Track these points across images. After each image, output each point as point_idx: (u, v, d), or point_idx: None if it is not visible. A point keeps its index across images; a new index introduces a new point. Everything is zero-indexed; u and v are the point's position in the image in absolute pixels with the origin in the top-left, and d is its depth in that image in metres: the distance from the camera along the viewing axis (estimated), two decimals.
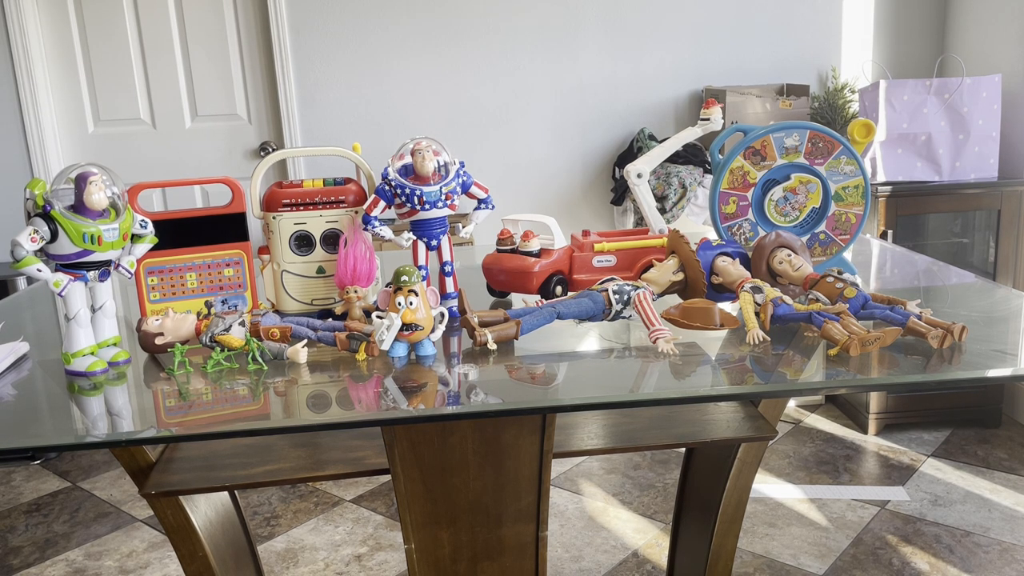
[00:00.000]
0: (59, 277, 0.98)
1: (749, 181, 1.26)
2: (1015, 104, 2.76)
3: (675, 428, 1.39)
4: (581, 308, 1.06)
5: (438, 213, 1.13)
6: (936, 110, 2.70)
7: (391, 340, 0.99)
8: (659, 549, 2.18)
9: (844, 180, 1.27)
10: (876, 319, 1.01)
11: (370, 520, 2.39)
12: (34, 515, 2.53)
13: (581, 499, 2.46)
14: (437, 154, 1.13)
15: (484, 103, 3.16)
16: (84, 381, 1.00)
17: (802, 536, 2.20)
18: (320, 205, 1.17)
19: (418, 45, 3.11)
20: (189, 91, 3.19)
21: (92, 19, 3.12)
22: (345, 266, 1.12)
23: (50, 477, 2.79)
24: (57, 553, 2.30)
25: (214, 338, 1.02)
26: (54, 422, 0.93)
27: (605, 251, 1.25)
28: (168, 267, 1.17)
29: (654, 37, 3.14)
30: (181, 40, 3.15)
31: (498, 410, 0.88)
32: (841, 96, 3.08)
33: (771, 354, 0.98)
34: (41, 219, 0.96)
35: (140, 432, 0.88)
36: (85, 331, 1.01)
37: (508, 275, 1.24)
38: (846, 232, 1.29)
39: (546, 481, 1.14)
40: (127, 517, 2.48)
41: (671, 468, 2.62)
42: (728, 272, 1.11)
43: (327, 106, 3.15)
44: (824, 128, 1.25)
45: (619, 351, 1.07)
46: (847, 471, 2.55)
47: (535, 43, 3.13)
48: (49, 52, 3.13)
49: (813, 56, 3.16)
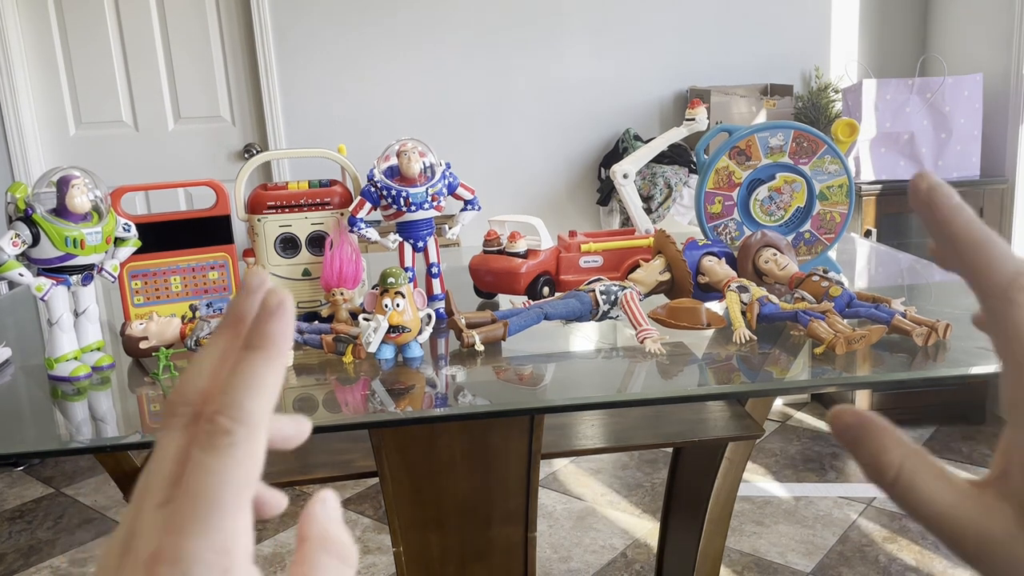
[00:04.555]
0: (41, 281, 0.97)
1: (734, 181, 1.27)
2: (996, 103, 2.79)
3: (663, 428, 1.39)
4: (568, 309, 1.06)
5: (424, 214, 1.13)
6: (919, 109, 2.72)
7: (378, 342, 0.99)
8: (648, 548, 2.18)
9: (828, 179, 1.27)
10: (861, 317, 1.02)
11: (358, 523, 2.38)
12: (17, 522, 2.50)
13: (569, 500, 2.46)
14: (423, 155, 1.12)
15: (470, 104, 3.16)
16: (67, 386, 0.99)
17: (789, 534, 2.21)
18: (305, 207, 1.16)
19: (403, 47, 3.11)
20: (172, 93, 3.17)
21: (73, 20, 3.09)
22: (331, 268, 1.11)
23: (33, 483, 2.76)
24: (41, 560, 2.27)
25: (199, 342, 1.01)
26: (37, 428, 0.92)
27: (592, 251, 1.25)
28: (152, 271, 1.16)
29: (639, 37, 3.15)
30: (163, 41, 3.13)
31: (486, 412, 0.88)
32: (825, 96, 3.10)
33: (758, 353, 0.99)
34: (23, 223, 0.95)
35: (125, 437, 0.87)
36: (68, 336, 1.00)
37: (495, 276, 1.24)
38: (831, 231, 1.30)
39: (534, 482, 1.14)
40: (112, 523, 2.46)
41: (659, 467, 2.62)
42: (714, 272, 1.12)
43: (312, 108, 3.13)
44: (808, 128, 1.26)
45: (606, 351, 1.08)
46: (833, 468, 2.57)
47: (520, 43, 3.13)
48: (29, 54, 3.10)
49: (797, 56, 3.18)
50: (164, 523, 0.23)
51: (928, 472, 0.27)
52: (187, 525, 0.23)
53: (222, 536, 0.23)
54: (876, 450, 0.27)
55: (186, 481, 0.24)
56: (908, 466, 0.27)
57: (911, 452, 0.27)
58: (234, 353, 0.25)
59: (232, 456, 0.24)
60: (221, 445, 0.24)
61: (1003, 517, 0.26)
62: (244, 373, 0.25)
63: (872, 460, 0.27)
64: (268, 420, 0.25)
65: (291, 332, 0.26)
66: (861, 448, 0.28)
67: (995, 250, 0.27)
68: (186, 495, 0.23)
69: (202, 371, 0.26)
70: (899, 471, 0.27)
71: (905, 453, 0.27)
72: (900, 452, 0.27)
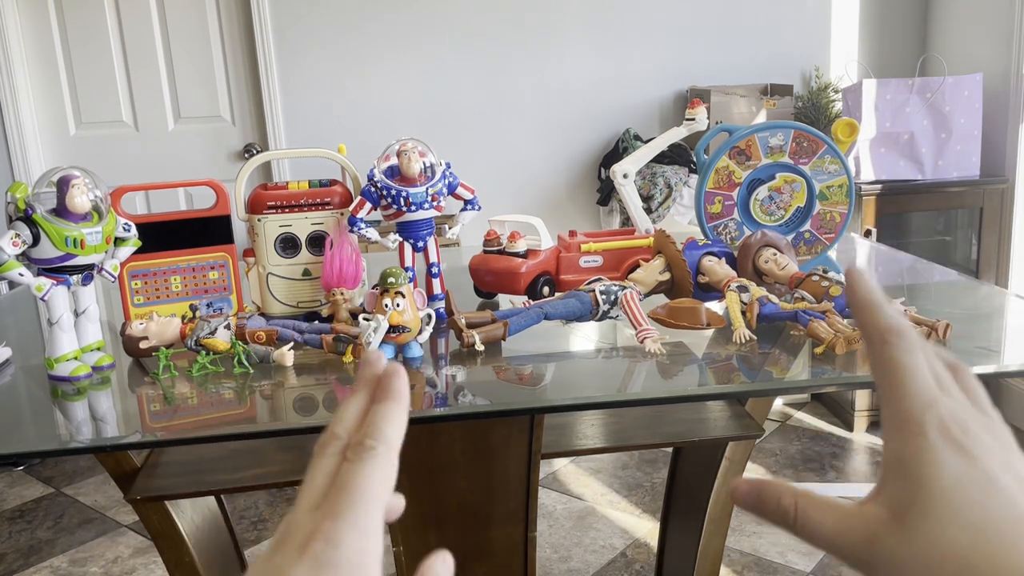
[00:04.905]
0: (41, 281, 0.97)
1: (734, 181, 1.27)
2: (996, 103, 2.79)
3: (663, 427, 1.39)
4: (568, 308, 1.06)
5: (424, 214, 1.13)
6: (918, 109, 2.72)
7: (378, 342, 0.99)
8: (648, 548, 2.18)
9: (828, 179, 1.27)
10: None
11: None
12: (18, 521, 2.50)
13: (569, 499, 2.46)
14: (423, 155, 1.12)
15: (470, 104, 3.16)
16: (68, 386, 0.99)
17: (789, 534, 2.21)
18: (305, 207, 1.16)
19: (403, 46, 3.11)
20: (172, 93, 3.17)
21: (73, 20, 3.09)
22: (331, 268, 1.11)
23: (33, 483, 2.76)
24: (41, 560, 2.27)
25: (199, 341, 1.01)
26: (37, 428, 0.92)
27: (592, 251, 1.25)
28: (152, 270, 1.16)
29: (639, 37, 3.15)
30: (163, 41, 3.13)
31: (486, 411, 0.88)
32: (825, 96, 3.10)
33: (758, 353, 0.99)
34: (23, 223, 0.95)
35: (125, 437, 0.87)
36: (68, 336, 1.00)
37: (495, 276, 1.24)
38: (831, 231, 1.30)
39: (534, 482, 1.14)
40: (112, 523, 2.46)
41: (659, 467, 2.62)
42: (714, 271, 1.12)
43: (312, 107, 3.13)
44: (808, 127, 1.26)
45: (606, 351, 1.08)
46: (833, 468, 2.57)
47: (520, 43, 3.13)
48: (29, 53, 3.10)
49: (797, 56, 3.18)
50: (320, 514, 0.29)
51: (817, 505, 0.33)
52: (339, 511, 0.29)
53: (365, 523, 0.30)
54: (774, 503, 0.34)
55: (339, 480, 0.31)
56: (801, 504, 0.34)
57: (801, 494, 0.34)
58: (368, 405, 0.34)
59: (375, 464, 0.31)
60: (367, 456, 0.31)
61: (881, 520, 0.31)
62: (381, 412, 0.33)
63: (774, 511, 0.34)
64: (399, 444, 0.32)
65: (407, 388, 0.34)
66: (764, 505, 0.34)
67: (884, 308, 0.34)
68: (339, 489, 0.30)
69: (349, 415, 0.33)
70: (795, 510, 0.33)
71: (796, 496, 0.34)
72: (792, 497, 0.34)
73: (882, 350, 0.34)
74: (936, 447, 0.31)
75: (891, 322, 0.34)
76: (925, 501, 0.30)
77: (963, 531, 0.29)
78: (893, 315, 0.34)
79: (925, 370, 0.33)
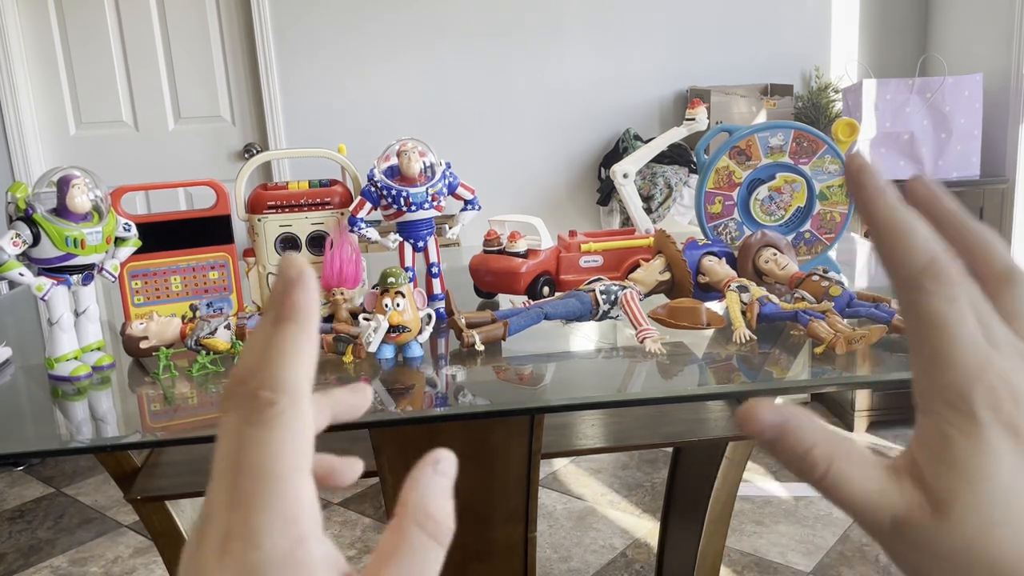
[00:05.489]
0: (42, 281, 0.97)
1: (734, 181, 1.27)
2: (996, 103, 2.79)
3: (663, 427, 1.39)
4: (568, 308, 1.06)
5: (424, 214, 1.13)
6: (919, 109, 2.72)
7: (378, 342, 0.99)
8: (648, 548, 2.18)
9: (829, 179, 1.27)
10: (861, 317, 1.02)
11: (358, 523, 2.38)
12: (18, 521, 2.50)
13: (569, 500, 2.46)
14: (423, 155, 1.12)
15: (470, 103, 3.16)
16: (68, 386, 0.99)
17: (789, 534, 2.21)
18: (305, 207, 1.16)
19: (403, 46, 3.11)
20: (172, 93, 3.17)
21: (73, 20, 3.09)
22: (331, 268, 1.11)
23: (33, 483, 2.76)
24: (41, 560, 2.27)
25: (199, 341, 1.01)
26: (37, 428, 0.92)
27: (592, 251, 1.25)
28: (152, 270, 1.16)
29: (639, 37, 3.15)
30: (163, 41, 3.13)
31: (486, 411, 0.88)
32: (825, 96, 3.10)
33: (758, 353, 0.99)
34: (23, 223, 0.95)
35: (125, 437, 0.87)
36: (68, 335, 1.00)
37: (495, 276, 1.24)
38: (831, 231, 1.30)
39: (534, 482, 1.14)
40: (112, 523, 2.46)
41: (659, 467, 2.62)
42: (714, 271, 1.12)
43: (312, 107, 3.13)
44: (808, 127, 1.26)
45: (606, 351, 1.08)
46: None
47: (521, 43, 3.13)
48: (29, 53, 3.10)
49: (797, 56, 3.18)
50: (231, 504, 0.23)
51: (855, 464, 0.27)
52: (251, 499, 0.23)
53: (288, 505, 0.24)
54: (802, 449, 0.27)
55: (241, 456, 0.24)
56: (836, 467, 0.27)
57: (838, 445, 0.27)
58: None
59: (281, 426, 0.24)
60: (268, 417, 0.24)
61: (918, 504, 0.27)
62: (277, 346, 0.25)
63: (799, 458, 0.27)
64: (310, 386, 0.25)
65: (315, 299, 0.26)
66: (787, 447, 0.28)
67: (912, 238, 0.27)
68: (245, 471, 0.24)
69: (253, 352, 0.25)
70: (828, 469, 0.27)
71: (833, 452, 0.27)
72: (828, 449, 0.27)
73: (916, 299, 0.27)
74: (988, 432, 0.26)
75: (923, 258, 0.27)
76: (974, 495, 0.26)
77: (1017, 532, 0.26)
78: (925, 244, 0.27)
79: (972, 324, 0.27)
